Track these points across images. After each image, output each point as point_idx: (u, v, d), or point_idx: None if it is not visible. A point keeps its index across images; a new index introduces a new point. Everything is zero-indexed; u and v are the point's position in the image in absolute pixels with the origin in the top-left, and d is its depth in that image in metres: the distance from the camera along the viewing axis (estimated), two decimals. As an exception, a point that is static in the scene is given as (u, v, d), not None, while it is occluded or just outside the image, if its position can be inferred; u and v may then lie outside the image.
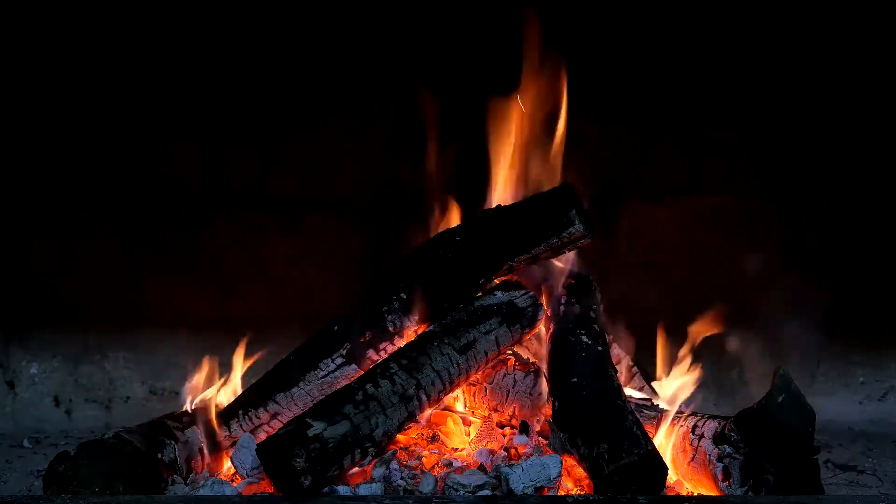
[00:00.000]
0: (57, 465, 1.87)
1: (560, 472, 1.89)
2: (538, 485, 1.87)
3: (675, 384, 2.32)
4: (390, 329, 2.21)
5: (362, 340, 2.19)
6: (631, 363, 2.46)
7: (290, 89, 2.97)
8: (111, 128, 2.97)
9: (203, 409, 2.21)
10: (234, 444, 2.13)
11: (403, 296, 2.21)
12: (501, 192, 2.41)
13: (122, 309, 3.03)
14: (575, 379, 2.05)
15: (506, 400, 2.24)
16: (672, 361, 2.40)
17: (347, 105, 2.96)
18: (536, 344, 2.34)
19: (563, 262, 2.41)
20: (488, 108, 2.44)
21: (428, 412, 2.15)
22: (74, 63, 2.92)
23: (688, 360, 2.36)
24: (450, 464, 2.04)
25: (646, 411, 2.15)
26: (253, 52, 2.93)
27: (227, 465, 2.16)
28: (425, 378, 2.03)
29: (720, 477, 1.89)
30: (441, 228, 2.41)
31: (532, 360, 2.31)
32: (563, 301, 2.34)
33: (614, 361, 2.24)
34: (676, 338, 2.43)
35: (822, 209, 3.04)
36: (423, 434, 2.17)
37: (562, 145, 2.38)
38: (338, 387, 2.08)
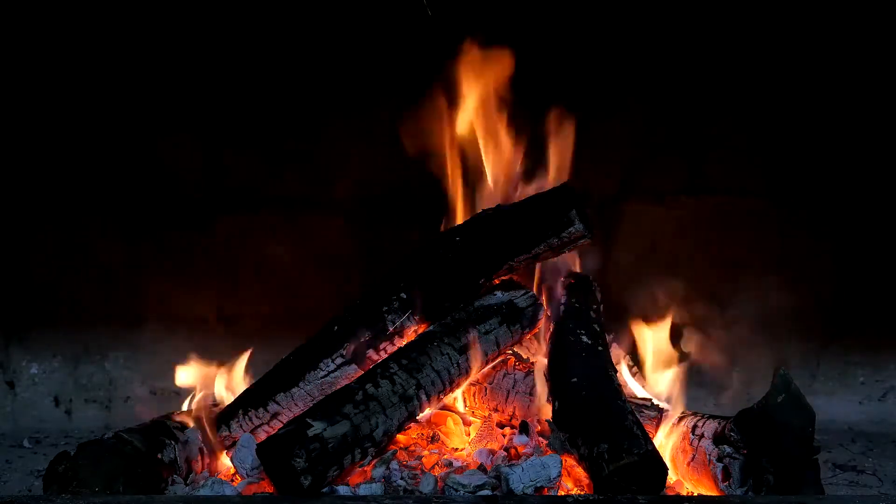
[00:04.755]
0: (57, 465, 1.87)
1: (560, 472, 1.89)
2: (538, 485, 1.87)
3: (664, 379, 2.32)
4: (390, 329, 2.21)
5: (362, 340, 2.19)
6: (631, 363, 2.46)
7: (290, 90, 2.97)
8: (111, 128, 2.97)
9: (201, 409, 2.21)
10: (234, 444, 2.13)
11: (403, 296, 2.21)
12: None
13: (122, 309, 3.03)
14: (575, 379, 2.05)
15: (506, 400, 2.25)
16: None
17: (348, 106, 2.96)
18: (536, 344, 2.34)
19: (564, 262, 2.41)
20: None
21: (428, 412, 2.15)
22: (75, 63, 2.92)
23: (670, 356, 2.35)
24: (450, 464, 2.04)
25: (646, 411, 2.15)
26: (254, 52, 2.94)
27: (227, 465, 2.16)
28: (425, 378, 2.03)
29: (720, 477, 1.89)
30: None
31: (532, 360, 2.31)
32: (563, 301, 2.34)
33: (614, 361, 2.24)
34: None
35: (822, 209, 3.04)
36: (423, 434, 2.17)
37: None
38: (338, 387, 2.08)
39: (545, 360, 2.22)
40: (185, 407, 2.28)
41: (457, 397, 2.28)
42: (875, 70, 2.96)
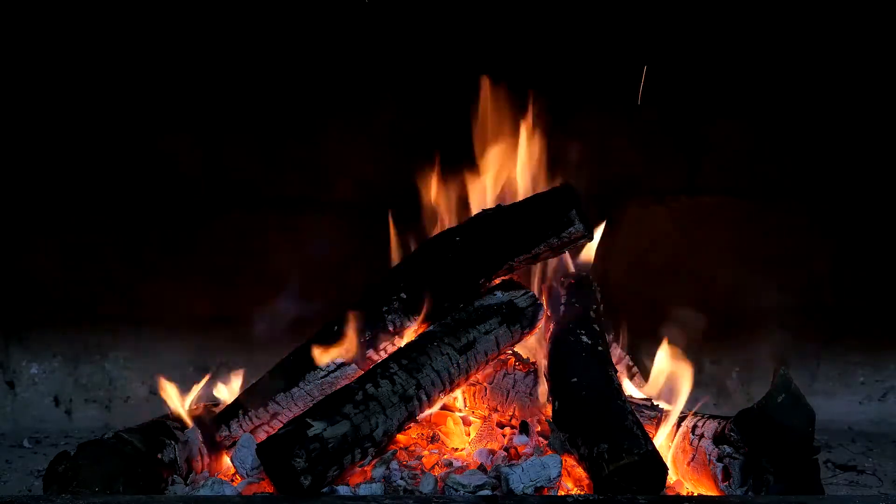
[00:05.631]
0: (57, 465, 1.87)
1: (560, 472, 1.89)
2: (538, 485, 1.87)
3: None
4: (390, 329, 2.20)
5: (362, 340, 2.19)
6: (631, 363, 2.46)
7: (290, 90, 2.97)
8: (112, 127, 2.97)
9: (200, 409, 2.22)
10: (234, 444, 2.13)
11: (403, 296, 2.21)
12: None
13: (122, 309, 3.03)
14: (575, 379, 2.05)
15: (506, 400, 2.24)
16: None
17: (348, 106, 2.96)
18: (536, 344, 2.34)
19: (564, 262, 2.41)
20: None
21: (428, 412, 2.15)
22: (75, 62, 2.92)
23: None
24: (450, 464, 2.04)
25: (646, 411, 2.15)
26: (254, 52, 2.93)
27: (227, 465, 2.16)
28: (425, 378, 2.03)
29: (720, 477, 1.89)
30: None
31: (532, 360, 2.31)
32: (563, 301, 2.34)
33: (614, 361, 2.24)
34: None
35: (822, 209, 3.04)
36: (423, 434, 2.17)
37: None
38: (338, 387, 2.08)
39: (545, 360, 2.22)
40: (185, 406, 2.28)
41: (457, 397, 2.28)
42: (874, 71, 2.96)
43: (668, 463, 1.95)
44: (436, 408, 2.17)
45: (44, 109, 2.95)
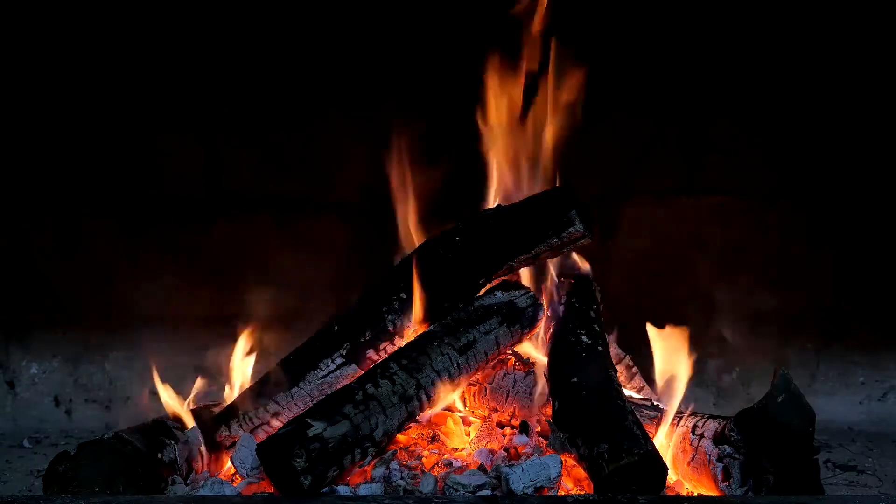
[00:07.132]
0: (57, 465, 1.88)
1: (560, 472, 1.89)
2: (538, 485, 1.87)
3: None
4: (390, 329, 2.20)
5: (362, 340, 2.19)
6: (631, 363, 2.46)
7: (290, 90, 2.97)
8: (112, 128, 2.97)
9: (200, 409, 2.22)
10: (234, 444, 2.13)
11: (403, 296, 2.21)
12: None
13: (122, 309, 3.03)
14: (575, 379, 2.05)
15: (506, 400, 2.24)
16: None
17: (349, 105, 2.96)
18: (536, 344, 2.34)
19: (564, 262, 2.41)
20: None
21: (428, 412, 2.15)
22: (76, 62, 2.92)
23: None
24: (450, 464, 2.04)
25: (646, 411, 2.15)
26: (254, 52, 2.94)
27: (227, 465, 2.16)
28: (425, 378, 2.03)
29: (720, 477, 1.89)
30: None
31: (532, 360, 2.31)
32: (563, 301, 2.34)
33: (614, 361, 2.24)
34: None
35: (822, 209, 3.04)
36: (423, 434, 2.17)
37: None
38: (338, 387, 2.08)
39: (545, 360, 2.22)
40: (185, 407, 2.28)
41: (455, 400, 2.28)
42: (875, 72, 2.96)
43: (668, 463, 1.95)
44: (436, 408, 2.17)
45: (44, 110, 2.95)
